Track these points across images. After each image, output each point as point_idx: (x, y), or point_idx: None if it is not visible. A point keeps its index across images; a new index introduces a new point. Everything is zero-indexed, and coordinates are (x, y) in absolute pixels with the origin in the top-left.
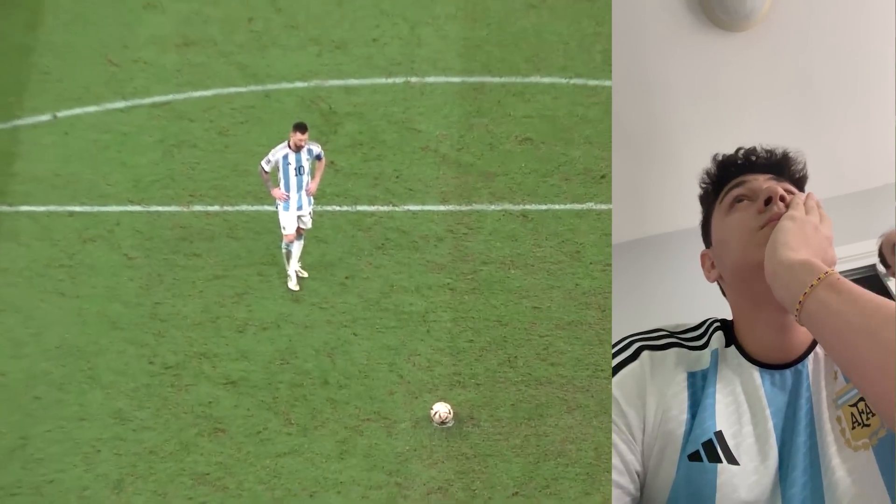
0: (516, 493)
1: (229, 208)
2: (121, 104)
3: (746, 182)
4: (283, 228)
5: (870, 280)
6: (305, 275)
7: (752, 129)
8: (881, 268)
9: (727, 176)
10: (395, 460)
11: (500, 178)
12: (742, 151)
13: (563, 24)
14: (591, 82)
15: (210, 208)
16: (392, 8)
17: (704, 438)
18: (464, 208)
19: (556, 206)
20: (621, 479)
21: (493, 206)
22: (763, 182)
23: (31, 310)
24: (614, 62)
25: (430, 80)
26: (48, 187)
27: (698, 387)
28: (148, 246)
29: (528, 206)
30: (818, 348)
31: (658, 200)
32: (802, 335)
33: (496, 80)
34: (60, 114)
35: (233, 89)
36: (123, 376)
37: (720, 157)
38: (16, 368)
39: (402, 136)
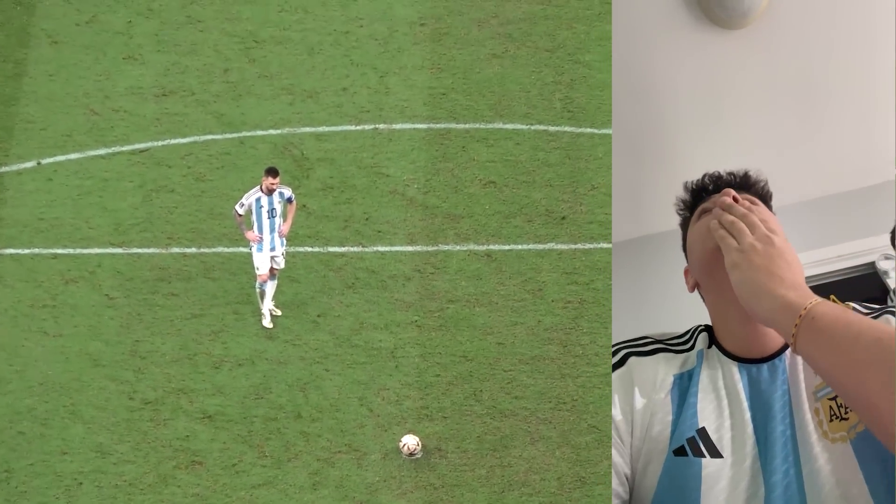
0: None
1: (206, 250)
2: (102, 151)
3: (712, 199)
4: (257, 269)
5: (869, 278)
6: (279, 313)
7: (750, 127)
8: (881, 265)
9: (698, 200)
10: (366, 491)
11: (465, 219)
12: (707, 177)
13: (525, 73)
14: (552, 128)
15: (187, 250)
16: (361, 59)
17: (688, 435)
18: (430, 249)
19: (519, 247)
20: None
21: (458, 247)
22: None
23: (15, 348)
24: (614, 61)
25: (398, 126)
26: (32, 231)
27: (684, 387)
28: (128, 286)
29: (492, 247)
30: None
31: (656, 199)
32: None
33: (461, 126)
34: (44, 160)
35: (209, 136)
36: (104, 412)
37: (691, 185)
38: (0, 404)
39: (371, 180)
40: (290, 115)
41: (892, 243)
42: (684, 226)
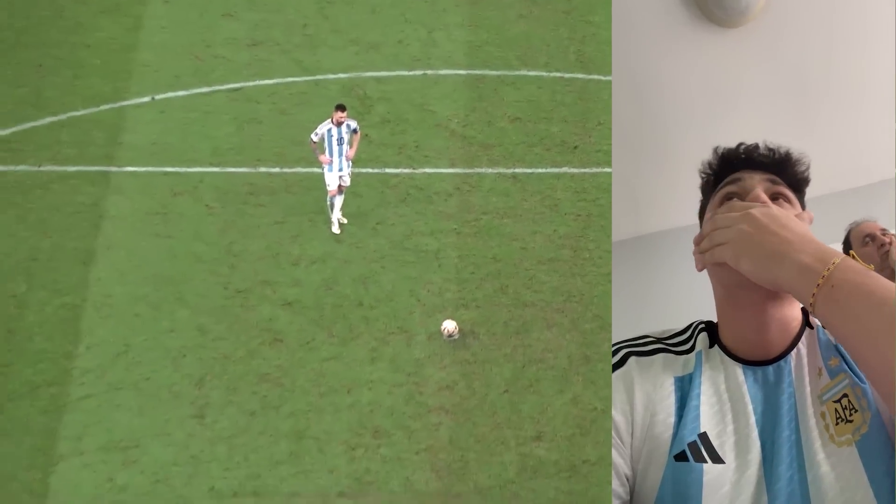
0: (506, 390)
1: (287, 170)
2: (204, 89)
3: (741, 180)
4: (328, 185)
5: None
6: (345, 221)
7: (748, 125)
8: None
9: (727, 170)
10: (414, 365)
11: (495, 148)
12: (743, 147)
13: (546, 30)
14: (567, 75)
15: (272, 170)
16: (413, 17)
17: (690, 440)
18: (468, 171)
19: (539, 170)
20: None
21: (490, 170)
22: (757, 182)
23: (133, 247)
24: (613, 59)
25: (442, 72)
26: (147, 153)
27: (685, 390)
28: (224, 198)
29: (517, 170)
30: (801, 345)
31: (655, 198)
32: (782, 332)
33: (493, 73)
34: (157, 97)
35: (290, 79)
36: (204, 298)
37: (721, 151)
38: (121, 292)
39: (420, 115)
40: (356, 62)
41: (844, 244)
42: (705, 189)
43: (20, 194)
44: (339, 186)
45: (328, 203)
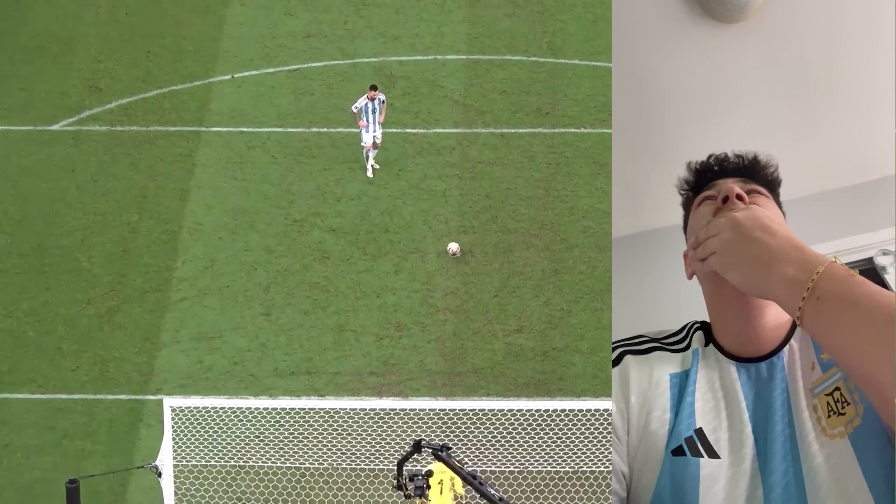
0: (496, 295)
1: (332, 130)
2: (270, 70)
3: (716, 185)
4: (364, 142)
5: (867, 273)
6: (378, 167)
7: (748, 121)
8: (879, 261)
9: (702, 182)
10: (426, 276)
11: (488, 114)
12: (713, 158)
13: (525, 25)
14: (541, 59)
15: (321, 130)
16: (427, 17)
17: (686, 435)
18: (466, 131)
19: (520, 130)
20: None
21: (483, 130)
22: (730, 183)
23: (216, 187)
24: (612, 57)
25: (449, 57)
26: (228, 117)
27: (681, 387)
28: (285, 151)
29: (504, 130)
30: (793, 340)
31: (654, 194)
32: (774, 329)
33: (486, 57)
34: (236, 75)
35: (335, 62)
36: (270, 226)
37: (694, 165)
38: (208, 221)
39: (431, 89)
40: (383, 49)
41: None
42: (686, 206)
43: (133, 148)
44: (374, 143)
45: (364, 155)
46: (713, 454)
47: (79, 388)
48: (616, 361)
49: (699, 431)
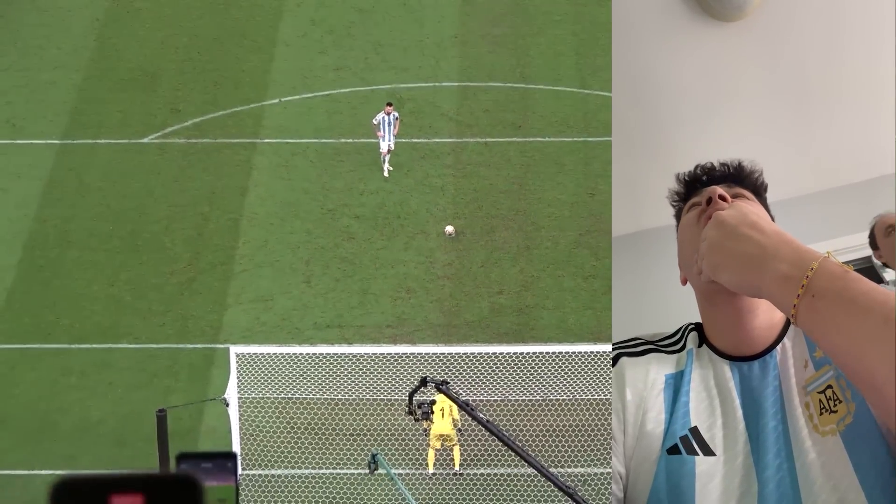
0: (482, 265)
1: (357, 140)
2: (308, 95)
3: (703, 192)
4: (381, 149)
5: (866, 272)
6: (391, 169)
7: (747, 120)
8: (877, 260)
9: (691, 192)
10: (429, 251)
11: (475, 127)
12: (700, 168)
13: (502, 59)
14: (515, 86)
15: (349, 140)
16: (429, 53)
17: (681, 434)
18: (458, 140)
19: (499, 140)
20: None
21: (471, 140)
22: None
23: (268, 185)
24: (612, 53)
25: (445, 84)
26: (278, 130)
27: (676, 387)
28: (321, 157)
29: (487, 140)
30: (786, 338)
31: (654, 193)
32: (767, 328)
33: (473, 84)
34: (283, 99)
35: (357, 88)
36: (309, 213)
37: (682, 176)
38: (262, 211)
39: (431, 109)
40: (395, 78)
41: (870, 238)
42: (679, 217)
43: (205, 155)
44: (389, 150)
45: (381, 159)
46: (708, 452)
47: (164, 339)
48: (612, 363)
49: (694, 430)
